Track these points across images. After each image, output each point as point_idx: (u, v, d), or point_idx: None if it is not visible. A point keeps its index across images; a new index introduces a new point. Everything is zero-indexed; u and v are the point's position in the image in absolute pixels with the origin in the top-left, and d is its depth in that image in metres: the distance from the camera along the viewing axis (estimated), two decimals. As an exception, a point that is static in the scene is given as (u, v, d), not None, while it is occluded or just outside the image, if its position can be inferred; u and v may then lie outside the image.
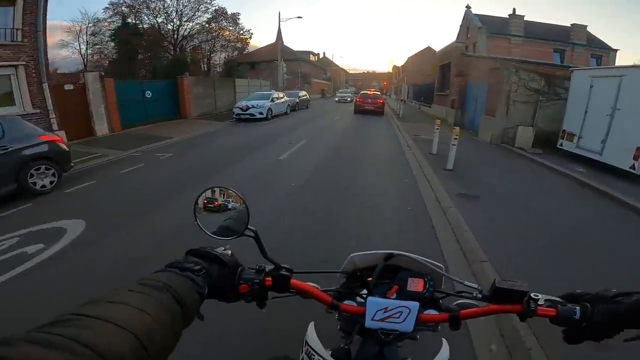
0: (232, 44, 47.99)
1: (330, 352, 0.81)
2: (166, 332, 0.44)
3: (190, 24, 41.27)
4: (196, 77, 17.22)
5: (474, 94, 13.08)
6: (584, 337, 0.65)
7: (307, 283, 0.76)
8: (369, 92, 23.67)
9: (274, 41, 52.39)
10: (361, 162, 7.48)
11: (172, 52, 39.53)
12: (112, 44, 36.10)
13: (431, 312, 0.75)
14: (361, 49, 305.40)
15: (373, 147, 9.04)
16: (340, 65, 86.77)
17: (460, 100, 14.58)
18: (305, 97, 23.95)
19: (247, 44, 49.60)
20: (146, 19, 37.57)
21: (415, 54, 44.10)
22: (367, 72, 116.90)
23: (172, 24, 39.43)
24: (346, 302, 0.78)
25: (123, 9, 34.90)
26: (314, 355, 0.81)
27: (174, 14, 38.60)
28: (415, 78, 35.78)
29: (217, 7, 42.05)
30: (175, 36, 41.42)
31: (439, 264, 0.78)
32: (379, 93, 24.44)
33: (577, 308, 0.64)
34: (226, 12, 46.44)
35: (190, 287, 0.55)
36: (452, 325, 0.73)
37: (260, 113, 14.89)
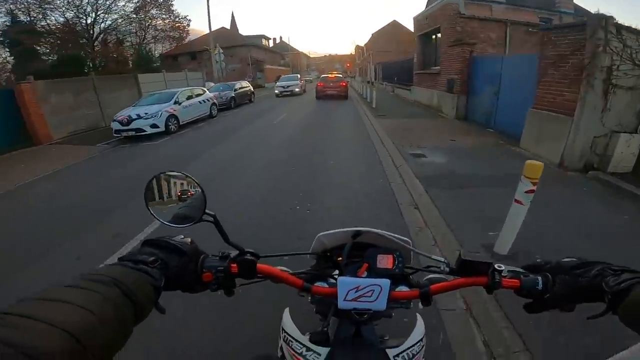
0: (166, 33, 41.22)
1: (308, 336, 0.79)
2: (113, 329, 0.41)
3: (113, 15, 34.60)
4: (54, 81, 11.04)
5: (491, 71, 8.17)
6: (545, 307, 0.64)
7: (278, 267, 0.73)
8: (329, 75, 20.78)
9: (222, 26, 45.59)
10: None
11: (90, 50, 32.90)
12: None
13: (402, 289, 0.74)
14: (323, 33, 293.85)
15: (329, 221, 3.61)
16: (301, 50, 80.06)
17: (464, 81, 9.64)
18: (245, 89, 18.18)
19: (186, 32, 42.58)
20: (50, 14, 30.44)
21: (380, 29, 38.66)
22: (330, 55, 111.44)
23: (86, 17, 33.05)
24: (318, 283, 0.75)
25: (9, 5, 27.43)
26: (291, 341, 0.78)
27: (88, 6, 32.05)
28: (382, 56, 30.69)
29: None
30: (92, 31, 34.79)
31: (407, 239, 0.77)
32: (340, 76, 21.21)
33: (539, 278, 0.64)
34: None
35: (142, 280, 0.51)
36: (423, 301, 0.72)
37: (154, 125, 9.17)
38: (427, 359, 0.80)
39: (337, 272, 0.79)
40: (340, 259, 0.77)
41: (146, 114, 9.11)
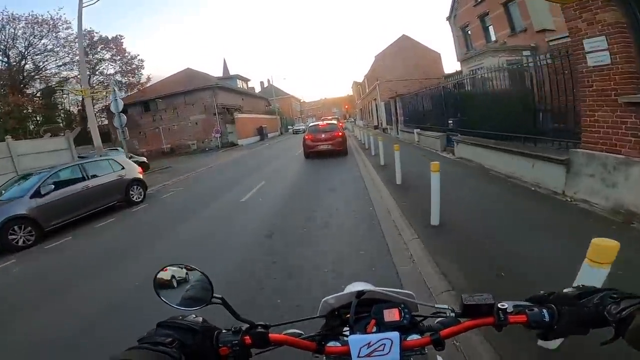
0: (113, 78, 33.11)
1: None
2: None
3: (50, 58, 27.24)
4: None
5: None
6: (557, 336, 0.66)
7: (290, 331, 0.78)
8: (320, 124, 14.77)
9: (187, 67, 37.10)
10: None
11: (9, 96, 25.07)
12: None
13: (414, 337, 0.75)
14: (319, 79, 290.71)
15: None
16: (293, 95, 71.57)
17: None
18: (102, 179, 7.23)
19: (142, 76, 34.23)
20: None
21: (387, 48, 28.64)
22: (326, 99, 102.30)
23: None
24: (331, 343, 0.77)
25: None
26: None
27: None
28: (396, 86, 21.05)
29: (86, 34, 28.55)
30: (20, 76, 27.12)
31: (409, 292, 0.80)
32: (334, 122, 15.50)
33: (545, 311, 0.66)
34: (106, 37, 31.58)
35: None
36: (436, 346, 0.73)
37: None
38: None
39: (347, 329, 0.81)
40: (349, 316, 0.79)
41: None
